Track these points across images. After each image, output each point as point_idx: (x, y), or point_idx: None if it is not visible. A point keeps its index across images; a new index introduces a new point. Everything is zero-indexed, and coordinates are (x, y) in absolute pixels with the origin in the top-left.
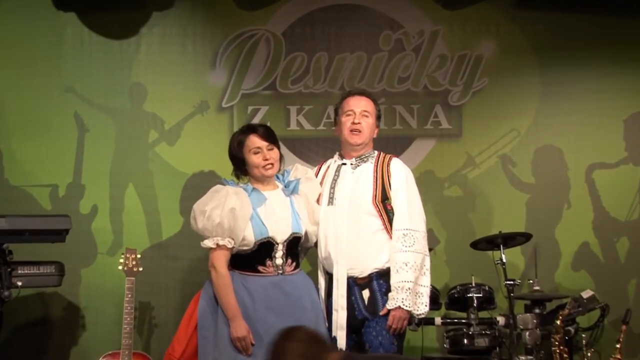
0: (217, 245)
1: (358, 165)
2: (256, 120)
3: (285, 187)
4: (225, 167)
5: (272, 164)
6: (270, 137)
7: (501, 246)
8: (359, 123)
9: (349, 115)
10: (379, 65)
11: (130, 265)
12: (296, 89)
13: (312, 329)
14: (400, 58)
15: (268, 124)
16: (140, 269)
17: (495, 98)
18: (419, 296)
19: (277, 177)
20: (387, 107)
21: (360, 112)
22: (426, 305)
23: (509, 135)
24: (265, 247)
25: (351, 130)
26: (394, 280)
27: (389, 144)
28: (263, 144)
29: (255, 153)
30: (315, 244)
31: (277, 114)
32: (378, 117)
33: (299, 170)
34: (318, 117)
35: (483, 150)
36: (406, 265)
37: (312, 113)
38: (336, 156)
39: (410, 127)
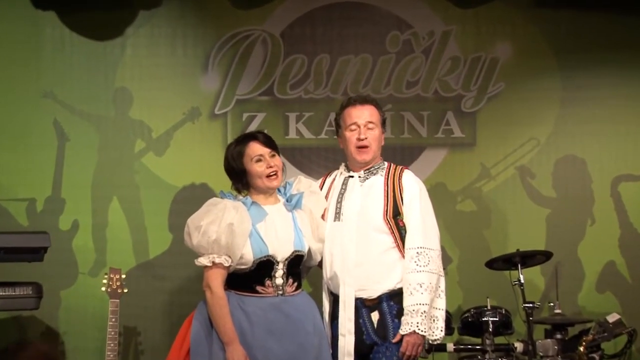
0: (213, 263)
1: (367, 178)
2: (252, 129)
3: (287, 201)
4: (219, 179)
5: (276, 172)
6: (271, 143)
7: (519, 265)
8: (365, 138)
9: (353, 130)
10: (385, 69)
11: (115, 287)
12: (295, 95)
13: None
14: (409, 61)
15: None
16: (125, 290)
17: (512, 104)
18: (434, 320)
19: (279, 191)
20: (395, 114)
21: (364, 124)
22: (442, 330)
23: (527, 144)
24: (265, 266)
25: (358, 147)
26: (407, 303)
27: (397, 154)
28: (265, 150)
29: (258, 161)
30: (319, 263)
31: (275, 122)
32: (383, 124)
33: (302, 182)
34: (319, 124)
35: (499, 160)
36: (421, 287)
37: (313, 120)
38: (342, 168)
39: (420, 136)
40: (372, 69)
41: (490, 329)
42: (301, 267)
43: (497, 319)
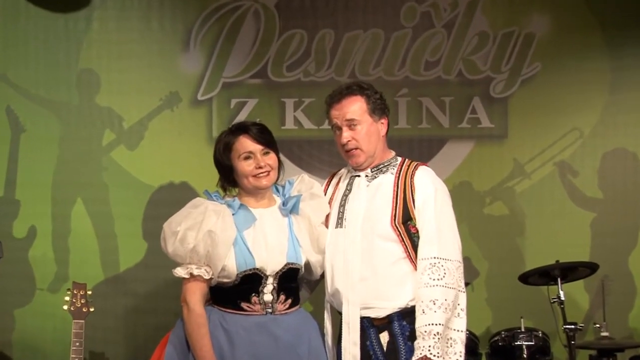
0: (191, 275)
1: (375, 177)
2: (241, 118)
3: (283, 204)
4: (202, 177)
5: (267, 172)
6: (265, 138)
7: (559, 280)
8: (348, 141)
9: (335, 131)
10: (400, 46)
11: (79, 305)
12: (293, 77)
13: None
14: (428, 37)
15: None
16: (92, 309)
17: (551, 88)
18: (451, 343)
19: (277, 190)
20: (411, 101)
21: (346, 123)
22: (460, 356)
23: (568, 136)
24: (251, 280)
25: (346, 152)
26: (419, 323)
27: (413, 148)
28: (256, 147)
29: (246, 159)
30: (323, 276)
31: (269, 109)
32: (375, 111)
33: (304, 182)
34: (321, 112)
35: (535, 155)
36: (434, 304)
37: (314, 108)
38: (348, 166)
39: (441, 126)
40: (384, 46)
41: (525, 355)
42: (300, 281)
43: (532, 343)
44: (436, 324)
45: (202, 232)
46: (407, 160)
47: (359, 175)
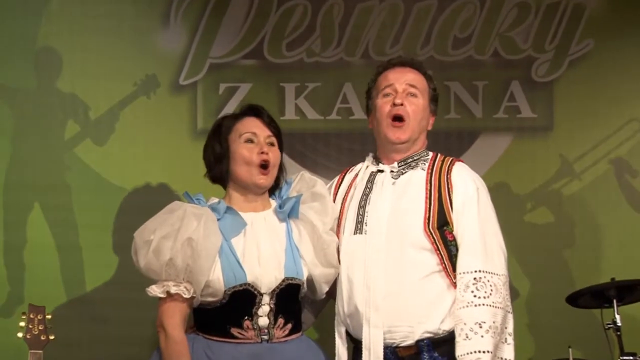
0: (168, 294)
1: (402, 173)
2: (232, 106)
3: (279, 207)
4: (185, 177)
5: (268, 164)
6: (275, 127)
7: (614, 302)
8: (401, 104)
9: (387, 95)
10: (423, 20)
11: (36, 332)
12: (295, 57)
13: None
14: (457, 8)
15: None
16: (52, 337)
17: (605, 71)
18: None
19: (272, 192)
20: (437, 85)
21: (404, 89)
22: None
23: (625, 128)
24: (242, 299)
25: (392, 118)
26: (462, 350)
27: (439, 141)
28: (263, 131)
29: (248, 141)
30: (330, 294)
31: (266, 96)
32: (434, 100)
33: (304, 180)
34: (329, 100)
35: (586, 151)
36: (480, 327)
37: (320, 94)
38: (369, 159)
39: (473, 116)
40: (404, 20)
41: None
42: (302, 301)
43: None
44: (484, 352)
45: (180, 241)
46: (439, 154)
47: (382, 170)
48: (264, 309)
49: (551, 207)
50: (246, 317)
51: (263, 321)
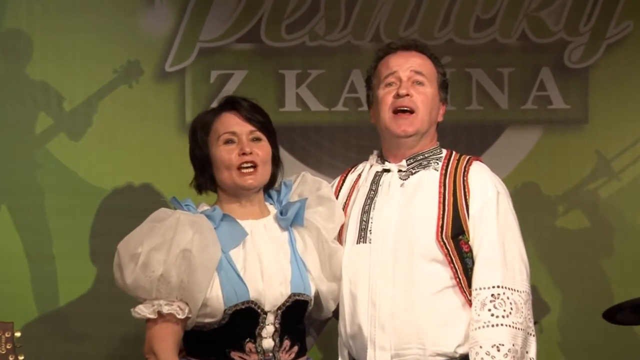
0: (160, 314)
1: (412, 173)
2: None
3: (280, 213)
4: (172, 177)
5: (254, 164)
6: (257, 119)
7: None
8: (406, 94)
9: (389, 84)
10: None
11: (3, 352)
12: (296, 41)
13: None
14: None
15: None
16: (21, 357)
17: None
18: None
19: (269, 196)
20: (457, 72)
21: (408, 76)
22: None
23: None
24: (244, 320)
25: (395, 111)
26: None
27: (460, 136)
28: (243, 127)
29: (227, 142)
30: (335, 313)
31: (263, 85)
32: (443, 86)
33: (306, 183)
34: (335, 89)
35: (626, 147)
36: (498, 351)
37: (324, 83)
38: (373, 157)
39: (497, 108)
40: None
41: None
42: (305, 320)
43: None
44: None
45: (174, 253)
46: (455, 153)
47: (388, 170)
48: (268, 329)
49: (586, 210)
50: (248, 339)
51: (267, 343)
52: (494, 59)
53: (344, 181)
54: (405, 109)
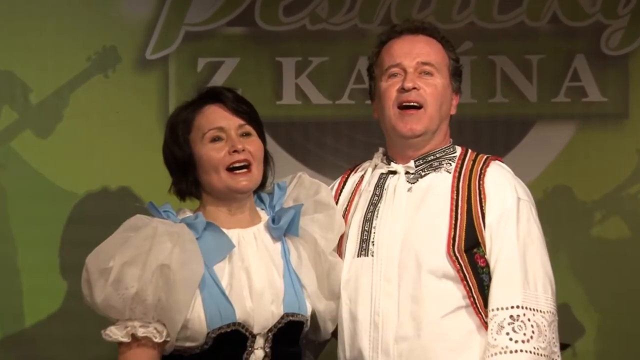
0: (134, 338)
1: (421, 176)
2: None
3: (272, 221)
4: (153, 180)
5: (246, 163)
6: (244, 110)
7: None
8: (413, 88)
9: (393, 75)
10: None
11: None
12: (294, 25)
13: None
14: None
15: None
16: None
17: None
18: None
19: (261, 200)
20: (478, 60)
21: (415, 67)
22: None
23: None
24: (230, 344)
25: (400, 107)
26: None
27: (481, 133)
28: (231, 121)
29: (214, 140)
30: (335, 333)
31: (258, 75)
32: (456, 74)
33: (303, 186)
34: (339, 80)
35: None
36: None
37: (327, 73)
38: (378, 156)
39: (526, 100)
40: None
41: None
42: (302, 343)
43: None
44: None
45: (151, 269)
46: (470, 151)
47: (394, 172)
48: (257, 354)
49: (626, 217)
50: None
51: None
52: (521, 45)
53: (344, 184)
54: (412, 104)
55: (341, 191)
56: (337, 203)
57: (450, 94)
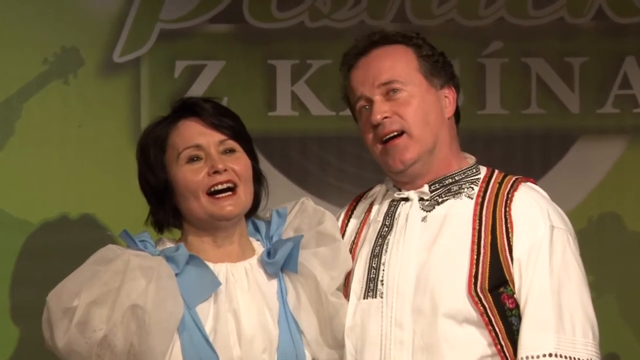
0: None
1: (438, 203)
2: (198, 93)
3: (268, 255)
4: (122, 206)
5: (231, 184)
6: (225, 122)
7: None
8: (384, 118)
9: (363, 108)
10: None
11: None
12: (290, 22)
13: None
14: None
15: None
16: None
17: None
18: None
19: (256, 229)
20: (510, 63)
21: (377, 91)
22: None
23: None
24: None
25: (382, 141)
26: None
27: (514, 150)
28: (210, 137)
29: (191, 160)
30: None
31: (247, 81)
32: (434, 70)
33: (305, 213)
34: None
35: None
36: None
37: (329, 78)
38: (388, 180)
39: (566, 112)
40: None
41: None
42: None
43: None
44: None
45: (121, 309)
46: (497, 172)
47: (407, 199)
48: None
49: None
50: None
51: None
52: (561, 46)
53: (352, 212)
54: (392, 134)
55: (348, 221)
56: (343, 235)
57: (435, 95)
